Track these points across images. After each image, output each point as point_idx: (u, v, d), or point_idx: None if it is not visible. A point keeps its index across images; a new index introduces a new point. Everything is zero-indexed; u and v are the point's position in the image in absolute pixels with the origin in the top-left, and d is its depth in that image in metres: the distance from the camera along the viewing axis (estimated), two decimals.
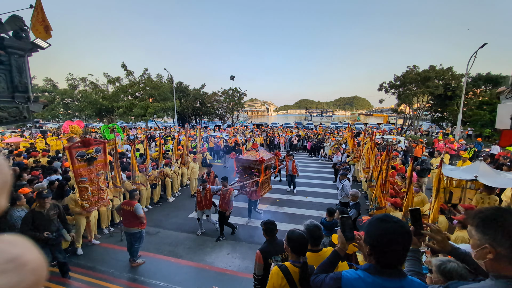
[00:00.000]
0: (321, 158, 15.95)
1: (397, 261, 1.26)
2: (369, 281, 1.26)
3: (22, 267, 0.44)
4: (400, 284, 1.24)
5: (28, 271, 0.45)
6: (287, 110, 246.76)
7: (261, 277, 2.79)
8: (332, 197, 8.78)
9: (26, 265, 0.45)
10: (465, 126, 21.37)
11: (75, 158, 5.16)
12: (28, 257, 0.46)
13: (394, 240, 1.21)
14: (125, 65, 30.93)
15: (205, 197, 5.91)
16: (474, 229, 1.09)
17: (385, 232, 1.23)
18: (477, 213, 1.09)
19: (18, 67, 3.53)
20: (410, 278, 1.28)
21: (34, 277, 0.46)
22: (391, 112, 44.03)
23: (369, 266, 1.30)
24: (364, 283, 1.27)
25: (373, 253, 1.28)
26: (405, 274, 1.29)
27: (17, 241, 0.48)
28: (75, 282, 4.37)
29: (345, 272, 1.37)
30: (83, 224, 5.34)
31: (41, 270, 0.48)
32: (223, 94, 37.84)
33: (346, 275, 1.35)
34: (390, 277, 1.25)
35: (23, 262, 0.45)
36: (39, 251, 0.50)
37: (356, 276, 1.31)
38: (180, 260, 5.13)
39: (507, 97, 3.31)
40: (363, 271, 1.31)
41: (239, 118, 46.43)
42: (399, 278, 1.25)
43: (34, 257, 0.48)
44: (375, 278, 1.25)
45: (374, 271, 1.27)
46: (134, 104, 29.54)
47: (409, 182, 4.41)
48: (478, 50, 14.77)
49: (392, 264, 1.26)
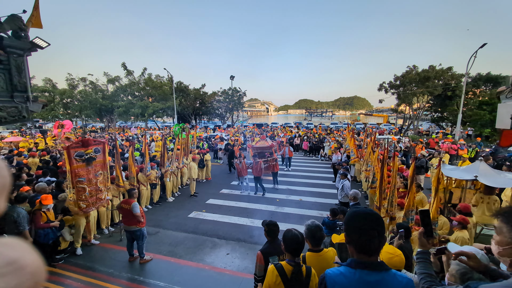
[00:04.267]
0: (321, 158, 15.97)
1: (372, 245, 1.25)
2: (351, 276, 1.27)
3: (21, 270, 0.44)
4: (382, 276, 1.24)
5: (27, 274, 0.44)
6: (287, 110, 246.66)
7: (261, 277, 2.78)
8: (332, 197, 8.77)
9: (25, 268, 0.44)
10: (465, 126, 21.39)
11: (73, 158, 5.13)
12: (27, 260, 0.46)
13: (364, 220, 1.27)
14: (125, 64, 30.91)
15: (242, 167, 9.04)
16: (506, 226, 1.06)
17: (355, 214, 1.33)
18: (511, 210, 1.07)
19: (17, 66, 3.51)
20: (393, 271, 1.28)
21: (32, 280, 0.45)
22: (391, 112, 44.06)
23: (350, 261, 1.31)
24: (345, 278, 1.28)
25: (349, 239, 1.31)
26: (388, 267, 1.28)
27: (15, 244, 0.47)
28: (75, 282, 4.36)
29: (328, 270, 1.38)
30: (82, 224, 5.33)
31: (39, 273, 0.47)
32: (223, 94, 37.84)
33: (328, 272, 1.36)
34: (372, 269, 1.24)
35: (22, 265, 0.44)
36: (37, 253, 0.49)
37: (338, 272, 1.32)
38: (179, 260, 5.12)
39: (507, 97, 3.30)
40: (345, 266, 1.32)
41: (239, 118, 46.41)
42: (381, 271, 1.25)
43: (33, 260, 0.47)
44: (356, 272, 1.26)
45: (355, 265, 1.28)
46: (134, 104, 29.54)
47: (411, 182, 4.40)
48: (478, 50, 14.77)
49: (368, 249, 1.25)
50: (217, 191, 9.53)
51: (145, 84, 31.60)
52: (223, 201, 8.41)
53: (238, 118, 45.31)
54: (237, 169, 9.25)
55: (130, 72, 31.49)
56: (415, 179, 4.52)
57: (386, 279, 1.24)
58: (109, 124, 33.96)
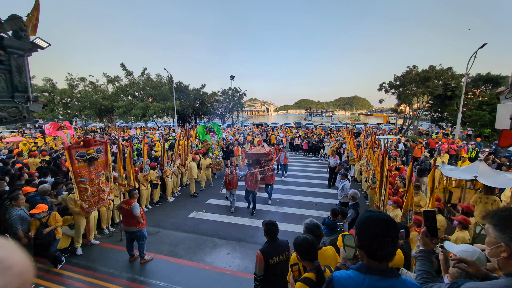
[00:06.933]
0: (321, 158, 15.98)
1: (385, 252, 1.21)
2: (360, 280, 1.24)
3: (7, 270, 0.43)
4: (392, 283, 1.21)
5: (13, 274, 0.44)
6: (287, 110, 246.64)
7: (261, 277, 2.79)
8: (332, 197, 8.78)
9: (11, 268, 0.44)
10: (464, 126, 21.38)
11: (74, 158, 5.14)
12: (13, 260, 0.45)
13: (378, 225, 1.21)
14: (124, 65, 30.91)
15: (232, 179, 7.33)
16: (492, 227, 1.09)
17: (369, 220, 1.25)
18: (497, 212, 1.10)
19: (17, 66, 3.52)
20: (403, 278, 1.25)
21: (19, 280, 0.45)
22: (391, 112, 44.05)
23: (360, 265, 1.28)
24: (354, 282, 1.25)
25: (361, 243, 1.27)
26: (398, 273, 1.25)
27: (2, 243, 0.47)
28: (75, 282, 4.36)
29: (336, 273, 1.34)
30: (82, 224, 5.34)
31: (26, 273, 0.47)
32: (223, 94, 37.84)
33: (337, 275, 1.32)
34: (382, 275, 1.22)
35: (8, 265, 0.44)
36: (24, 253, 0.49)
37: (347, 276, 1.29)
38: (180, 260, 5.13)
39: (506, 97, 3.31)
40: (354, 270, 1.29)
41: (239, 118, 46.41)
42: (391, 277, 1.22)
43: (19, 260, 0.46)
44: (366, 277, 1.23)
45: (365, 270, 1.25)
46: (134, 104, 29.54)
47: (409, 182, 4.41)
48: (478, 50, 14.77)
49: (380, 256, 1.22)
50: (217, 191, 9.52)
51: (144, 84, 31.59)
52: (223, 201, 8.41)
53: (238, 118, 45.30)
54: (225, 180, 7.42)
55: (129, 73, 31.49)
56: (413, 180, 4.53)
57: (396, 286, 1.21)
58: (109, 124, 33.97)
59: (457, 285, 1.19)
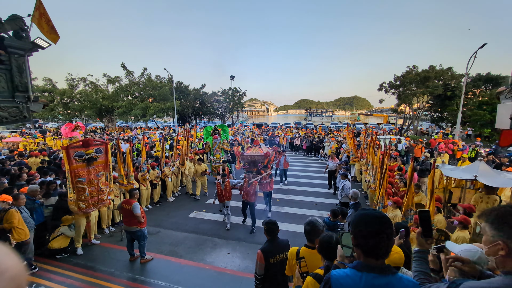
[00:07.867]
0: (321, 158, 15.98)
1: (380, 250, 1.23)
2: (357, 278, 1.25)
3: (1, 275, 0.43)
4: (389, 280, 1.23)
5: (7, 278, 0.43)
6: (287, 110, 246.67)
7: (262, 276, 2.79)
8: (332, 196, 8.80)
9: (5, 272, 0.44)
10: (464, 126, 21.39)
11: (72, 158, 5.09)
12: (7, 264, 0.45)
13: (372, 223, 1.24)
14: (125, 65, 30.92)
15: (225, 189, 6.39)
16: (488, 225, 1.09)
17: (363, 218, 1.29)
18: (493, 210, 1.10)
19: (18, 66, 3.52)
20: (400, 275, 1.27)
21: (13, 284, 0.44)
22: (391, 112, 44.01)
23: (357, 263, 1.30)
24: (352, 280, 1.26)
25: (356, 242, 1.29)
26: (394, 270, 1.27)
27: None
28: (75, 282, 4.36)
29: (333, 272, 1.36)
30: (83, 224, 5.34)
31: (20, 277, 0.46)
32: (223, 94, 37.83)
33: (334, 274, 1.34)
34: (378, 273, 1.23)
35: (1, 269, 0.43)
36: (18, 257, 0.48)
37: (344, 274, 1.31)
38: (180, 259, 5.13)
39: (506, 97, 3.31)
40: (351, 268, 1.31)
41: (239, 118, 46.41)
42: (388, 274, 1.24)
43: (13, 264, 0.46)
44: (363, 275, 1.24)
45: (361, 268, 1.26)
46: (134, 104, 29.54)
47: (409, 182, 4.41)
48: (478, 50, 14.77)
49: (376, 253, 1.24)
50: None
51: (145, 84, 31.60)
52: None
53: (238, 118, 45.29)
54: (217, 190, 6.47)
55: (130, 73, 31.50)
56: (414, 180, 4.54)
57: (392, 283, 1.22)
58: (109, 124, 33.98)
59: (456, 285, 1.20)
